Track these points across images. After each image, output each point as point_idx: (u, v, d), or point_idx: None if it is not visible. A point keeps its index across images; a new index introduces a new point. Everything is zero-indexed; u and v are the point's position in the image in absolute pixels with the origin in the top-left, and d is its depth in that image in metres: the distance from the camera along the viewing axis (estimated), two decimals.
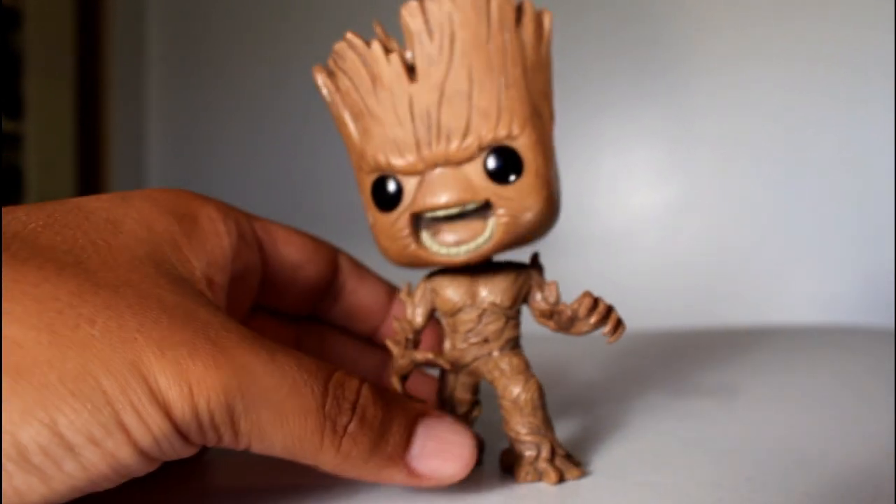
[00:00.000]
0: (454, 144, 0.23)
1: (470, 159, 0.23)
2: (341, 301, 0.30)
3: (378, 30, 0.24)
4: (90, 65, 1.30)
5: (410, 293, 0.26)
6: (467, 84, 0.23)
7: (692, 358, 0.48)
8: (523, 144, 0.23)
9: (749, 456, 0.28)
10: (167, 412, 0.17)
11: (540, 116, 0.24)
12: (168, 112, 1.41)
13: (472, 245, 0.24)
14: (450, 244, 0.24)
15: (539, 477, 0.25)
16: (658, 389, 0.39)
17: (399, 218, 0.24)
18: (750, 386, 0.40)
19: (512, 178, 0.23)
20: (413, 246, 0.24)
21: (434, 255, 0.24)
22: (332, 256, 0.29)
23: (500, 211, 0.23)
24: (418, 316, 0.26)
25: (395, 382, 0.24)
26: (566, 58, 1.04)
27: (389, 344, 0.25)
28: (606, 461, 0.27)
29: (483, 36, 0.23)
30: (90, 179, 1.31)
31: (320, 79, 0.25)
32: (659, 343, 0.55)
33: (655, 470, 0.26)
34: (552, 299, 0.25)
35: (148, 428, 0.17)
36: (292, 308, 0.29)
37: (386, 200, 0.24)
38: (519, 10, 0.23)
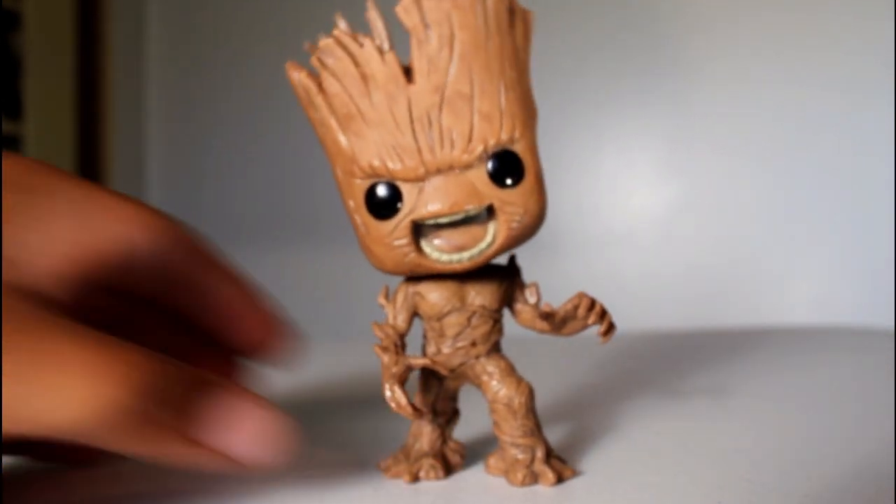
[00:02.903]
0: (458, 149, 0.22)
1: (473, 164, 0.23)
2: (192, 293, 0.26)
3: (342, 25, 0.23)
4: (90, 65, 1.30)
5: (389, 298, 0.25)
6: (469, 87, 0.22)
7: (690, 359, 0.48)
8: (523, 148, 0.23)
9: (748, 457, 0.28)
10: None
11: (533, 118, 0.24)
12: (168, 112, 1.41)
13: (475, 251, 0.23)
14: (450, 250, 0.23)
15: (535, 479, 0.25)
16: (656, 391, 0.39)
17: (398, 226, 0.23)
18: (749, 387, 0.40)
19: (510, 181, 0.23)
20: (413, 254, 0.23)
21: (435, 262, 0.23)
22: (175, 233, 0.25)
23: (503, 216, 0.23)
24: (402, 321, 0.25)
25: (396, 391, 0.23)
26: (567, 58, 1.05)
27: (378, 352, 0.24)
28: (604, 463, 0.27)
29: (482, 37, 0.23)
30: (90, 180, 1.31)
31: (298, 77, 0.23)
32: (657, 344, 0.55)
33: (654, 472, 0.26)
34: (533, 300, 0.25)
35: None
36: (127, 290, 0.26)
37: (382, 208, 0.23)
38: (510, 11, 0.23)
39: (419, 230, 0.23)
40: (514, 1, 0.23)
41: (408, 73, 0.23)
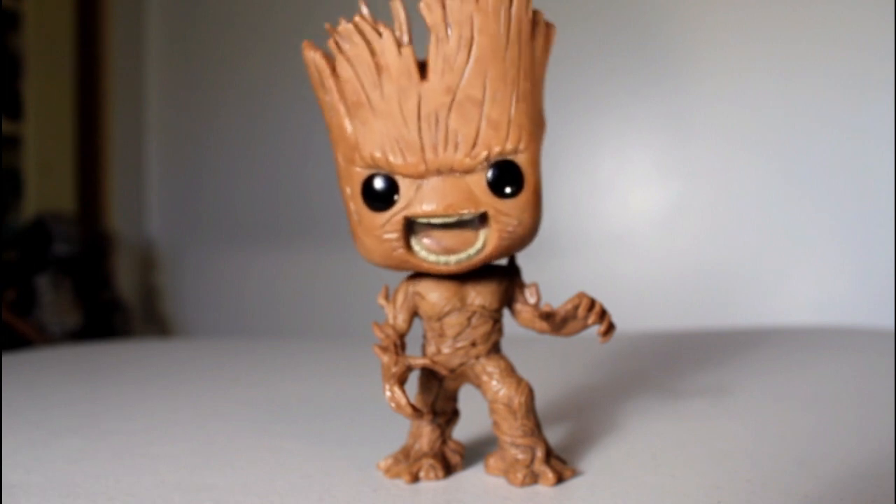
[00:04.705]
0: (462, 153, 0.22)
1: (474, 170, 0.23)
2: None
3: (364, 11, 0.23)
4: (90, 65, 1.30)
5: (389, 298, 0.25)
6: (481, 92, 0.22)
7: (691, 359, 0.48)
8: (525, 160, 0.23)
9: (748, 457, 0.28)
10: None
11: (541, 132, 0.24)
12: (168, 112, 1.41)
13: (462, 255, 0.23)
14: (439, 251, 0.23)
15: (535, 479, 0.25)
16: (656, 391, 0.39)
17: (391, 220, 0.23)
18: (749, 387, 0.40)
19: (508, 191, 0.23)
20: (401, 250, 0.23)
21: (422, 261, 0.24)
22: None
23: (496, 224, 0.23)
24: (402, 321, 0.25)
25: (396, 391, 0.23)
26: (566, 60, 1.05)
27: (377, 352, 0.24)
28: (604, 462, 0.27)
29: (501, 45, 0.22)
30: (90, 180, 1.31)
31: (312, 57, 0.23)
32: (657, 344, 0.54)
33: (654, 471, 0.26)
34: (533, 300, 0.25)
35: None
36: None
37: (378, 200, 0.23)
38: (533, 23, 0.23)
39: (411, 227, 0.24)
40: (540, 13, 0.23)
41: (422, 69, 0.23)
